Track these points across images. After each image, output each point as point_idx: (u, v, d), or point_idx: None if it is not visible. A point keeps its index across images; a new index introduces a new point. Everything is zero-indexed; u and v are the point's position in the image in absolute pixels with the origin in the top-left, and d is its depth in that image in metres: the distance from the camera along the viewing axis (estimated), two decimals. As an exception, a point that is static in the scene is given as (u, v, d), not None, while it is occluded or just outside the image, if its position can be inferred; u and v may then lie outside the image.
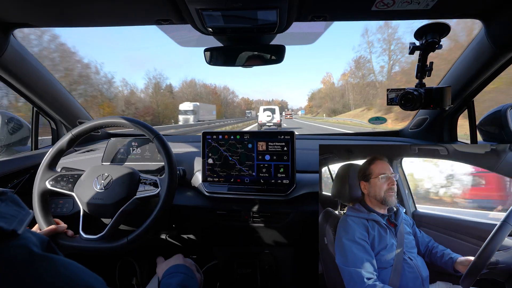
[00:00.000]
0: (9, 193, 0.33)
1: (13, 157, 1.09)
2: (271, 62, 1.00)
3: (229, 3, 0.68)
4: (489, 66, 0.89)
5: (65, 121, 1.29)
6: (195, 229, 1.12)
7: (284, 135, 0.95)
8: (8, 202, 0.32)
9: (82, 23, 0.86)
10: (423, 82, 0.77)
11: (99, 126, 0.89)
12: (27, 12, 0.78)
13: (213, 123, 25.69)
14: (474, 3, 0.74)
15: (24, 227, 0.30)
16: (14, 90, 1.06)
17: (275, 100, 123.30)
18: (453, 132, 1.19)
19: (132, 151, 1.13)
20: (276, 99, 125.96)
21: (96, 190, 0.82)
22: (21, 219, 0.30)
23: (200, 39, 0.94)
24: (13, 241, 0.28)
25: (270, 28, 0.81)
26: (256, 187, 0.97)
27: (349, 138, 1.48)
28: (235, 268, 1.18)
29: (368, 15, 0.78)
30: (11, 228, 0.28)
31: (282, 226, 0.99)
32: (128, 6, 0.74)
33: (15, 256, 0.27)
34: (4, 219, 0.28)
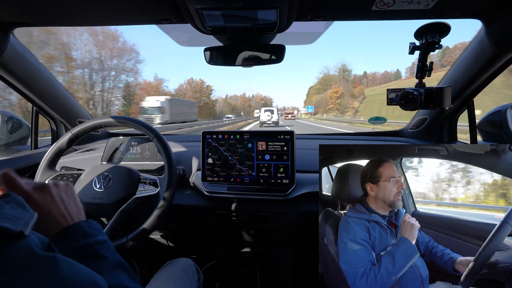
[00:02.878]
0: (13, 195, 0.33)
1: (12, 157, 1.09)
2: (271, 62, 0.99)
3: (229, 2, 0.68)
4: (489, 66, 0.89)
5: (65, 120, 1.28)
6: (194, 228, 1.12)
7: (284, 135, 0.95)
8: (13, 204, 0.32)
9: (82, 22, 0.86)
10: (423, 82, 0.77)
11: (99, 126, 0.89)
12: (27, 12, 0.78)
13: (197, 125, 19.59)
14: (474, 3, 0.74)
15: (30, 228, 0.30)
16: (14, 89, 1.06)
17: (257, 95, 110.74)
18: (453, 132, 1.19)
19: (132, 151, 1.13)
20: (258, 94, 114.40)
21: (96, 190, 0.81)
22: (26, 221, 0.30)
23: (200, 38, 0.93)
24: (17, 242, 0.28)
25: (270, 28, 0.81)
26: (256, 187, 0.97)
27: (349, 138, 1.48)
28: (235, 268, 1.18)
29: (368, 15, 0.78)
30: (18, 229, 0.28)
31: (282, 226, 0.99)
32: (128, 6, 0.74)
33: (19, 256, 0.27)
34: (9, 220, 0.28)
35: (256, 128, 7.48)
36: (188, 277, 0.82)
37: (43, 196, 0.45)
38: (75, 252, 0.42)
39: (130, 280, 0.42)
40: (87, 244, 0.43)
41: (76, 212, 0.48)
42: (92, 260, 0.42)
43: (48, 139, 1.38)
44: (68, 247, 0.42)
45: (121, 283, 0.40)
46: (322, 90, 75.27)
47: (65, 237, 0.43)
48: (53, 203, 0.45)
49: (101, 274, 0.38)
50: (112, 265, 0.42)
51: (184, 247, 1.27)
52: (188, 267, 0.85)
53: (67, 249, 0.42)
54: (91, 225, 0.47)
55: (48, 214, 0.44)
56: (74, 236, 0.44)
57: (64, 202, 0.47)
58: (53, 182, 0.49)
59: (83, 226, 0.45)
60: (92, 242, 0.43)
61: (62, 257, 0.31)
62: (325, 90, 72.24)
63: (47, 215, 0.44)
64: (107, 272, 0.40)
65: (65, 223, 0.45)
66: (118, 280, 0.40)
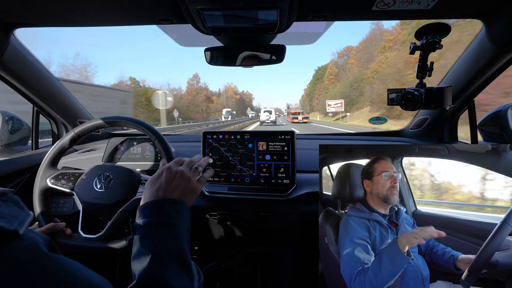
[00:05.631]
0: (9, 194, 0.33)
1: (13, 157, 1.09)
2: (271, 62, 1.00)
3: (229, 3, 0.68)
4: (490, 66, 0.89)
5: (66, 121, 1.29)
6: (195, 229, 1.12)
7: (285, 135, 0.95)
8: (9, 203, 0.32)
9: (83, 23, 0.87)
10: (424, 82, 0.77)
11: (101, 126, 0.89)
12: (27, 12, 0.79)
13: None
14: (475, 3, 0.74)
15: (25, 227, 0.30)
16: (15, 90, 1.06)
17: (229, 88, 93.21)
18: (454, 132, 1.19)
19: (132, 151, 1.13)
20: (230, 84, 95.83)
21: (96, 190, 0.82)
22: (22, 220, 0.30)
23: (201, 38, 0.94)
24: (17, 242, 0.28)
25: (271, 28, 0.81)
26: (256, 187, 0.97)
27: (349, 138, 1.48)
28: (235, 268, 1.18)
29: (368, 15, 0.78)
30: (12, 228, 0.28)
31: (283, 226, 0.99)
32: (129, 6, 0.75)
33: (23, 256, 0.27)
34: (5, 219, 0.28)
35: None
36: None
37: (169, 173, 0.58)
38: (145, 226, 0.49)
39: (179, 274, 0.44)
40: (158, 222, 0.49)
41: (180, 192, 0.57)
42: (153, 238, 0.47)
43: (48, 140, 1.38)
44: (145, 218, 0.50)
45: (164, 274, 0.42)
46: (318, 80, 66.06)
47: (150, 206, 0.52)
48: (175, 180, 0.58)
49: (151, 256, 0.43)
50: (167, 251, 0.46)
51: None
52: None
53: (144, 219, 0.50)
54: (174, 206, 0.54)
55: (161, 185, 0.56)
56: (155, 210, 0.52)
57: (179, 185, 0.57)
58: (182, 169, 0.62)
59: (166, 204, 0.53)
60: (162, 222, 0.50)
61: (65, 258, 0.32)
62: (321, 78, 64.10)
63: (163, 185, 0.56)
64: (156, 256, 0.44)
65: (161, 195, 0.54)
66: (163, 271, 0.43)
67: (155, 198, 0.53)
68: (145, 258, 0.43)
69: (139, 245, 0.46)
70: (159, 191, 0.54)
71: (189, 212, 0.57)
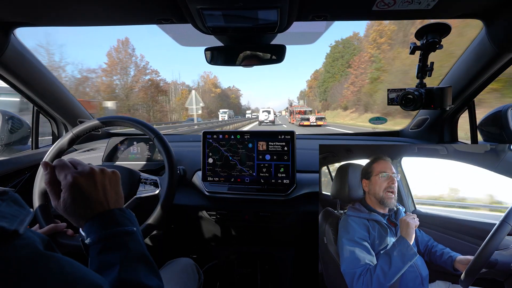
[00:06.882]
0: (10, 193, 0.33)
1: (13, 156, 1.09)
2: (271, 62, 1.00)
3: (230, 2, 0.68)
4: (490, 67, 0.89)
5: (66, 120, 1.29)
6: (195, 228, 1.12)
7: (285, 135, 0.95)
8: (9, 201, 0.32)
9: (83, 22, 0.87)
10: (424, 82, 0.77)
11: (100, 125, 0.89)
12: (27, 12, 0.78)
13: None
14: (475, 3, 0.74)
15: (25, 226, 0.30)
16: (15, 89, 1.06)
17: (205, 76, 66.80)
18: (454, 133, 1.19)
19: (132, 151, 1.13)
20: (205, 72, 68.22)
21: None
22: (22, 219, 0.30)
23: (201, 38, 0.94)
24: (16, 241, 0.28)
25: (271, 28, 0.81)
26: (256, 187, 0.97)
27: (349, 138, 1.48)
28: (235, 268, 1.18)
29: (368, 15, 0.78)
30: (12, 228, 0.28)
31: (282, 226, 0.99)
32: (129, 6, 0.74)
33: (22, 255, 0.27)
34: (5, 219, 0.28)
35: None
36: (188, 277, 0.82)
37: (87, 181, 0.47)
38: (102, 240, 0.43)
39: (149, 275, 0.42)
40: (116, 233, 0.44)
41: (115, 200, 0.50)
42: (115, 249, 0.43)
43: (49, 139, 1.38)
44: (97, 233, 0.44)
45: (137, 277, 0.40)
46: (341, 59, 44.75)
47: (97, 222, 0.45)
48: (95, 189, 0.47)
49: (120, 265, 0.39)
50: (133, 257, 0.43)
51: (184, 247, 1.27)
52: (188, 267, 0.85)
53: (96, 235, 0.44)
54: (124, 214, 0.48)
55: (88, 198, 0.46)
56: (105, 223, 0.45)
57: (106, 189, 0.49)
58: (100, 169, 0.51)
59: (116, 215, 0.47)
60: (120, 231, 0.45)
61: (63, 256, 0.31)
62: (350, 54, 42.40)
63: (87, 199, 0.46)
64: (125, 263, 0.41)
65: (101, 209, 0.47)
66: (135, 274, 0.41)
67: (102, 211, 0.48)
68: (114, 268, 0.40)
69: (104, 258, 0.42)
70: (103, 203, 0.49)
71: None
